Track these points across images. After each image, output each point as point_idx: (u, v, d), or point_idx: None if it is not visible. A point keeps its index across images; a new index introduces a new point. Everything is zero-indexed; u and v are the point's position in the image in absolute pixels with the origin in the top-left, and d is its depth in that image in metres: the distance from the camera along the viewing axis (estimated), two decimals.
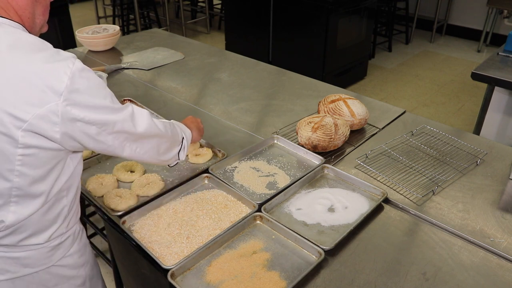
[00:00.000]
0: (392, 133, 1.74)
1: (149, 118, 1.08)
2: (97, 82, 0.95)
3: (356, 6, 4.15)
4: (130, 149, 1.05)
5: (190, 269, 1.12)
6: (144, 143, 1.08)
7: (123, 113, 1.00)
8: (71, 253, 1.14)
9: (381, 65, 5.20)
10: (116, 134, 1.00)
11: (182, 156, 1.26)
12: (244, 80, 2.23)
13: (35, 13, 1.02)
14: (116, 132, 0.99)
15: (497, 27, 5.52)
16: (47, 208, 1.02)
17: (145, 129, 1.06)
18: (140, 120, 1.05)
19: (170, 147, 1.20)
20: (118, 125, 0.98)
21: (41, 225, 1.02)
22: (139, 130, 1.04)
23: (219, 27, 6.56)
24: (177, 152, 1.24)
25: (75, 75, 0.89)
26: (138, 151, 1.08)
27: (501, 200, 1.37)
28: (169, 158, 1.22)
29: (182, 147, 1.25)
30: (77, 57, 0.94)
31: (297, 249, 1.18)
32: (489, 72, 2.40)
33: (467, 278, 1.10)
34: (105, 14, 6.24)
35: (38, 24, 1.05)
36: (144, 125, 1.05)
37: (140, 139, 1.06)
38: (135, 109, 1.05)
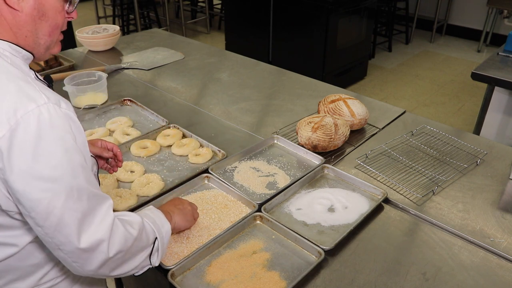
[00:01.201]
0: (392, 133, 1.74)
1: (106, 233, 0.86)
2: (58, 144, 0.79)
3: (356, 6, 4.15)
4: (64, 257, 0.86)
5: (190, 269, 1.12)
6: (88, 259, 0.86)
7: (76, 205, 0.82)
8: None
9: (381, 65, 5.20)
10: (48, 232, 0.82)
11: (155, 261, 1.00)
12: (244, 80, 2.23)
13: (37, 32, 0.90)
14: (47, 228, 0.81)
15: (497, 27, 5.51)
16: (23, 255, 0.91)
17: (89, 246, 0.84)
18: (94, 231, 0.85)
19: (131, 251, 0.93)
20: (51, 221, 0.81)
21: (23, 271, 0.93)
22: (82, 247, 0.83)
23: (219, 27, 6.56)
24: (146, 256, 0.98)
25: (18, 127, 0.75)
26: (77, 266, 0.87)
27: (501, 200, 1.37)
28: (135, 267, 0.96)
29: (153, 249, 0.99)
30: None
31: (297, 249, 1.18)
32: (489, 72, 2.40)
33: (467, 278, 1.10)
34: (105, 14, 6.24)
35: (43, 45, 0.92)
36: (91, 242, 0.84)
37: (82, 253, 0.85)
38: (107, 214, 0.86)
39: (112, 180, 1.41)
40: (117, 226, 0.88)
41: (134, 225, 0.94)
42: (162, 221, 1.04)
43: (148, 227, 0.98)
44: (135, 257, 0.94)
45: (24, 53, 0.91)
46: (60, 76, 2.10)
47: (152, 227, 0.99)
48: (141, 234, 0.94)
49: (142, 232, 0.95)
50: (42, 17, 0.89)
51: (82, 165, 0.84)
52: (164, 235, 1.02)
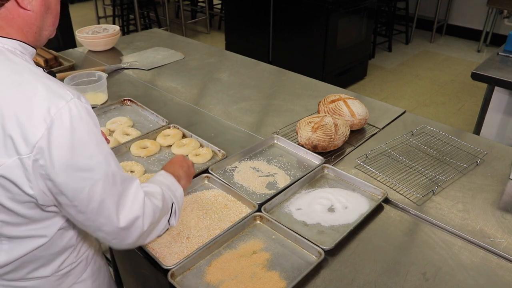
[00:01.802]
0: (392, 133, 1.74)
1: (140, 208, 0.95)
2: (87, 134, 0.85)
3: (356, 6, 4.15)
4: (104, 236, 0.94)
5: (190, 269, 1.12)
6: (126, 236, 0.97)
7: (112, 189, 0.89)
8: (84, 279, 1.09)
9: (381, 65, 5.20)
10: (90, 216, 0.90)
11: (174, 222, 1.14)
12: (244, 80, 2.23)
13: (43, 26, 0.94)
14: (89, 213, 0.89)
15: (497, 27, 5.52)
16: (48, 245, 0.97)
17: (127, 225, 0.93)
18: (128, 210, 0.93)
19: (158, 221, 1.06)
20: (93, 207, 0.88)
21: (46, 259, 0.98)
22: (121, 225, 0.92)
23: (219, 27, 6.56)
24: (167, 220, 1.11)
25: (54, 123, 0.80)
26: (116, 242, 0.97)
27: (501, 200, 1.37)
28: (159, 233, 1.10)
29: (172, 213, 1.12)
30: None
31: (297, 249, 1.18)
32: (489, 72, 2.40)
33: (467, 278, 1.10)
34: (105, 14, 6.24)
35: (46, 35, 0.97)
36: (129, 219, 0.93)
37: (120, 231, 0.94)
38: (133, 190, 0.95)
39: None
40: (146, 202, 0.98)
41: (157, 195, 1.04)
42: (175, 186, 1.15)
43: (167, 195, 1.09)
44: (160, 223, 1.07)
45: (30, 50, 0.94)
46: (60, 76, 2.10)
47: (169, 194, 1.10)
48: (164, 204, 1.06)
49: (164, 202, 1.06)
50: (48, 11, 0.93)
51: (111, 153, 0.91)
52: (179, 199, 1.15)
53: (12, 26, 0.88)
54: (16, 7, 0.87)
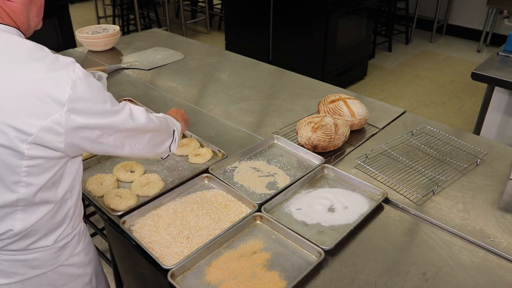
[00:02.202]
0: (392, 133, 1.74)
1: (145, 114, 1.09)
2: (98, 87, 0.95)
3: (356, 6, 4.15)
4: (129, 146, 1.06)
5: (190, 269, 1.12)
6: (142, 138, 1.10)
7: (123, 113, 1.01)
8: (78, 252, 1.15)
9: (381, 65, 5.20)
10: (117, 134, 1.01)
11: (173, 148, 1.26)
12: (244, 80, 2.23)
13: (29, 17, 1.01)
14: (118, 132, 1.00)
15: (497, 27, 5.52)
16: (54, 212, 1.02)
17: (144, 124, 1.07)
18: (138, 117, 1.06)
19: (164, 139, 1.21)
20: (120, 126, 1.00)
21: (48, 228, 1.03)
22: (139, 125, 1.05)
23: (219, 27, 6.56)
24: (169, 145, 1.24)
25: (76, 83, 0.89)
26: (137, 147, 1.09)
27: (501, 200, 1.37)
28: (163, 151, 1.23)
29: (173, 139, 1.25)
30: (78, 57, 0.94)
31: (297, 249, 1.18)
32: (489, 72, 2.40)
33: (467, 278, 1.10)
34: (105, 14, 6.24)
35: (33, 26, 1.04)
36: (143, 121, 1.07)
37: (138, 134, 1.07)
38: (132, 107, 1.06)
39: (112, 180, 1.41)
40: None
41: (161, 117, 1.20)
42: (172, 119, 1.30)
43: (170, 120, 1.26)
44: (166, 141, 1.22)
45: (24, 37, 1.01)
46: None
47: (168, 121, 1.24)
48: (167, 122, 1.22)
49: (166, 123, 1.21)
50: (31, 2, 1.00)
51: None
52: (177, 128, 1.29)
53: (3, 14, 0.96)
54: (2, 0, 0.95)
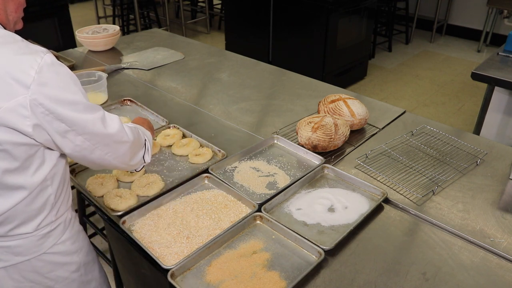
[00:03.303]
0: (392, 133, 1.73)
1: (119, 123, 1.07)
2: (69, 77, 0.96)
3: (356, 6, 4.15)
4: (99, 153, 1.04)
5: (190, 269, 1.12)
6: (116, 148, 1.07)
7: (94, 114, 1.00)
8: (63, 240, 1.15)
9: (381, 65, 5.20)
10: (87, 136, 0.99)
11: (148, 159, 1.23)
12: (244, 80, 2.23)
13: (6, 10, 1.03)
14: (87, 134, 0.99)
15: (497, 27, 5.51)
16: (31, 199, 1.02)
17: (115, 132, 1.05)
18: (110, 124, 1.04)
19: (137, 151, 1.17)
20: (88, 126, 0.98)
21: (27, 214, 1.04)
22: (109, 133, 1.03)
23: (219, 27, 6.56)
24: (142, 155, 1.20)
25: (43, 69, 0.90)
26: (109, 156, 1.07)
27: (501, 200, 1.37)
28: (136, 163, 1.19)
29: (146, 149, 1.22)
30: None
31: (297, 249, 1.18)
32: (489, 72, 2.40)
33: (467, 278, 1.10)
34: (105, 14, 6.24)
35: (12, 21, 1.05)
36: (115, 129, 1.05)
37: (112, 143, 1.05)
38: (107, 113, 1.05)
39: (112, 180, 1.41)
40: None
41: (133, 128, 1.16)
42: (143, 129, 1.27)
43: (140, 130, 1.21)
44: (138, 153, 1.18)
45: None
46: None
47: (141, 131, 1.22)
48: (138, 132, 1.17)
49: (137, 133, 1.17)
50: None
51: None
52: (149, 138, 1.26)
53: None
54: None
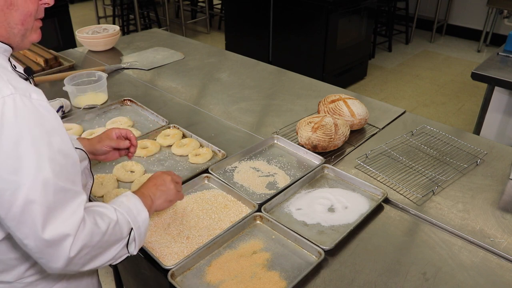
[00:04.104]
0: (392, 133, 1.73)
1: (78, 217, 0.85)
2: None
3: (356, 6, 4.15)
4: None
5: (190, 269, 1.12)
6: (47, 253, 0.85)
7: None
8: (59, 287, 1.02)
9: (381, 65, 5.20)
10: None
11: (133, 250, 0.99)
12: (244, 80, 2.23)
13: (9, 22, 0.89)
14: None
15: (497, 27, 5.51)
16: (4, 249, 0.92)
17: (50, 239, 0.83)
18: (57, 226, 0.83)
19: (101, 246, 0.91)
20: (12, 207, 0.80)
21: (6, 264, 0.94)
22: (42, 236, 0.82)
23: (219, 27, 6.56)
24: (123, 247, 0.96)
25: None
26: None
27: (501, 200, 1.37)
28: (111, 260, 0.96)
29: (130, 239, 0.97)
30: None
31: (297, 249, 1.18)
32: (489, 72, 2.40)
33: (467, 278, 1.10)
34: (105, 14, 6.24)
35: (17, 34, 0.91)
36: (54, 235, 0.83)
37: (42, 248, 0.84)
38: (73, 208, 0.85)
39: (112, 180, 1.41)
40: (84, 222, 0.87)
41: (105, 218, 0.92)
42: (138, 208, 1.01)
43: (122, 219, 0.96)
44: (109, 250, 0.93)
45: (3, 46, 0.91)
46: (60, 76, 2.10)
47: (126, 217, 0.97)
48: (113, 229, 0.93)
49: (114, 226, 0.93)
50: (10, 7, 0.88)
51: (51, 158, 0.82)
52: (140, 224, 1.00)
53: None
54: None
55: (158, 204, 1.11)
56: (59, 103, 1.79)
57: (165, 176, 1.16)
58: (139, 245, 1.00)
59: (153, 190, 1.11)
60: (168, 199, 1.14)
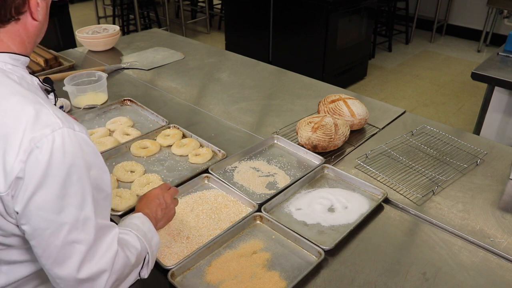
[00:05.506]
0: (392, 133, 1.73)
1: (113, 252, 0.85)
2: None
3: (356, 6, 4.15)
4: None
5: (190, 269, 1.12)
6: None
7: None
8: None
9: (381, 65, 5.20)
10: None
11: (145, 274, 0.99)
12: (244, 80, 2.23)
13: (40, 34, 0.92)
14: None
15: (497, 27, 5.51)
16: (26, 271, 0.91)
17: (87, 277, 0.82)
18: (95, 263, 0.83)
19: (126, 275, 0.93)
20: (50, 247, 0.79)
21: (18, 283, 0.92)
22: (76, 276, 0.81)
23: (219, 27, 6.56)
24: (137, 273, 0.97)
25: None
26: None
27: (501, 200, 1.37)
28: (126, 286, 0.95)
29: (144, 264, 0.99)
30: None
31: (297, 249, 1.18)
32: (489, 72, 2.40)
33: (467, 278, 1.10)
34: (105, 14, 6.24)
35: (37, 43, 0.94)
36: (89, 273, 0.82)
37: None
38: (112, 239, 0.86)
39: (112, 180, 1.41)
40: (118, 255, 0.87)
41: (132, 249, 0.93)
42: (152, 233, 1.02)
43: (143, 247, 0.97)
44: (128, 278, 0.94)
45: (22, 59, 0.90)
46: (60, 76, 2.10)
47: (144, 243, 0.97)
48: (137, 258, 0.94)
49: (138, 256, 0.94)
50: (46, 20, 0.91)
51: (92, 194, 0.81)
52: (154, 248, 1.01)
53: (14, 39, 0.86)
54: (29, 19, 0.86)
55: (159, 226, 1.15)
56: (59, 103, 1.79)
57: (166, 196, 1.16)
58: (150, 269, 1.01)
59: (156, 211, 1.12)
60: (168, 220, 1.20)
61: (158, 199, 1.14)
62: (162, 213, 1.14)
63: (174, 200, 1.20)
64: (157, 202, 1.14)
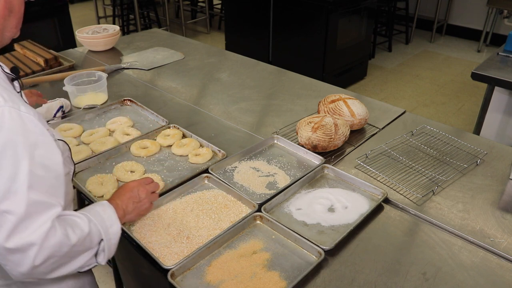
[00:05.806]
0: (392, 133, 1.73)
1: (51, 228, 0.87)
2: None
3: (356, 6, 4.15)
4: None
5: (190, 269, 1.12)
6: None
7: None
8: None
9: (381, 65, 5.20)
10: None
11: (102, 260, 1.00)
12: (244, 80, 2.23)
13: (5, 27, 0.93)
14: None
15: (497, 27, 5.51)
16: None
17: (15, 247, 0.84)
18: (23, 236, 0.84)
19: (68, 255, 0.92)
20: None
21: None
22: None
23: (219, 27, 6.56)
24: (91, 256, 0.98)
25: None
26: None
27: (501, 200, 1.37)
28: (78, 268, 0.96)
29: (100, 249, 0.99)
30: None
31: (297, 249, 1.18)
32: (489, 72, 2.40)
33: (467, 278, 1.10)
34: (105, 14, 6.24)
35: (8, 36, 0.96)
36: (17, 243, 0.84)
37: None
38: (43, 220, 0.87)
39: (112, 180, 1.41)
40: (55, 232, 0.88)
41: (77, 230, 0.93)
42: (112, 220, 1.03)
43: (95, 230, 0.97)
44: (77, 259, 0.94)
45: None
46: (60, 76, 2.10)
47: (99, 228, 0.98)
48: (83, 240, 0.94)
49: (85, 238, 0.94)
50: (10, 14, 0.93)
51: (29, 170, 0.84)
52: (111, 236, 1.01)
53: None
54: None
55: (129, 218, 1.16)
56: (59, 103, 1.79)
57: (140, 190, 1.18)
58: (108, 256, 1.01)
59: (127, 203, 1.14)
60: (140, 214, 1.20)
61: (131, 192, 1.16)
62: (133, 206, 1.15)
63: (150, 195, 1.21)
64: (130, 194, 1.16)
